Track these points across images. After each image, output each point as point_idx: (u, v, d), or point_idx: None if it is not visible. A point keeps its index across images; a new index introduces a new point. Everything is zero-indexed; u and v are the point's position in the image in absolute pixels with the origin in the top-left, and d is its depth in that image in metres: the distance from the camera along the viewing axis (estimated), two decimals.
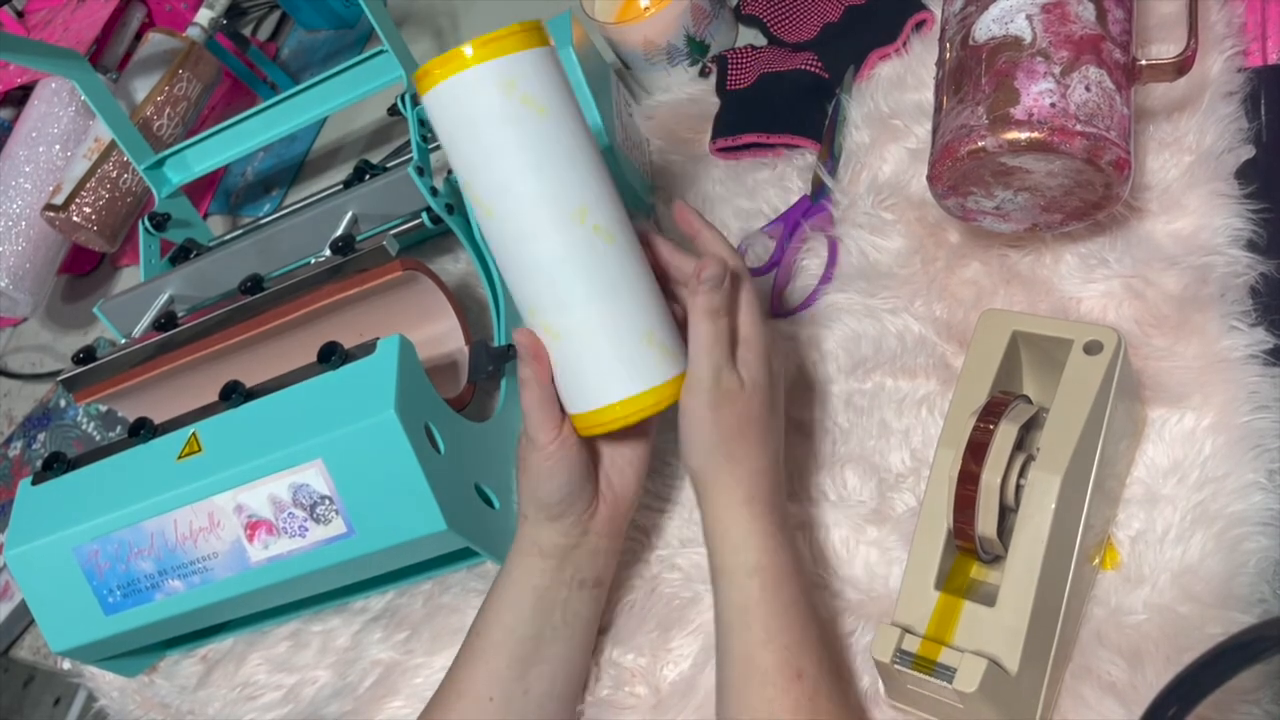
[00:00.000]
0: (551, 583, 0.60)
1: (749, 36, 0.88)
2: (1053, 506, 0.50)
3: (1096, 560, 0.55)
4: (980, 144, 0.57)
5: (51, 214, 1.01)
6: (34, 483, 0.75)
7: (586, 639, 0.63)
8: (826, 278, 0.72)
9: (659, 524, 0.68)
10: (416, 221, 0.77)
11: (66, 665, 0.85)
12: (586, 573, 0.61)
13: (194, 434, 0.69)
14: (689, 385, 0.55)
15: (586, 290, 0.54)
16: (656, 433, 0.64)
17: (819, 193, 0.75)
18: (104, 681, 0.82)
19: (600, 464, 0.61)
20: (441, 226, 0.78)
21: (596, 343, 0.55)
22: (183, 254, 0.92)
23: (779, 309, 0.73)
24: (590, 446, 0.60)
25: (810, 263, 0.74)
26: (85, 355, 0.82)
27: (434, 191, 0.77)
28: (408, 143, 0.82)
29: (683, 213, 0.61)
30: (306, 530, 0.65)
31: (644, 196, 0.82)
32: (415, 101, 0.82)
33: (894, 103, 0.76)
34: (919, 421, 0.64)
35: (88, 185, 1.01)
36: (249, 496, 0.65)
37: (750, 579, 0.55)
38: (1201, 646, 0.43)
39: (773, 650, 0.53)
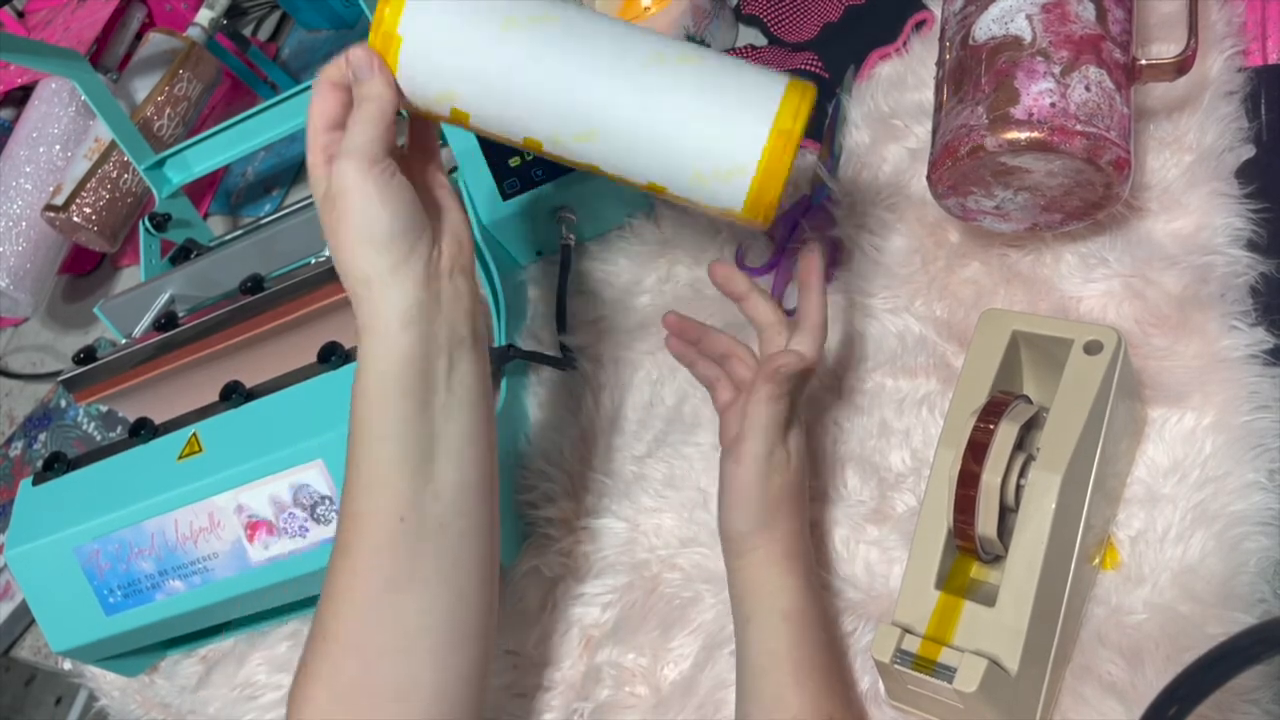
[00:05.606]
0: (425, 352, 0.51)
1: (749, 36, 0.88)
2: (1053, 506, 0.50)
3: (1097, 560, 0.55)
4: (980, 143, 0.57)
5: (52, 214, 1.01)
6: (34, 483, 0.75)
7: (486, 407, 0.54)
8: (827, 277, 0.72)
9: (659, 524, 0.68)
10: None
11: (67, 665, 0.85)
12: (461, 325, 0.53)
13: (194, 434, 0.69)
14: (741, 456, 0.56)
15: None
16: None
17: (819, 192, 0.75)
18: (105, 681, 0.82)
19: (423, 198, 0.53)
20: None
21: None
22: (183, 254, 0.92)
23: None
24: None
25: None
26: (86, 355, 0.82)
27: None
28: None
29: (727, 277, 0.60)
30: (307, 530, 0.65)
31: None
32: None
33: (894, 102, 0.75)
34: (919, 421, 0.64)
35: (88, 185, 1.01)
36: (249, 496, 0.65)
37: (783, 623, 0.55)
38: (1202, 646, 0.43)
39: (803, 693, 0.54)
